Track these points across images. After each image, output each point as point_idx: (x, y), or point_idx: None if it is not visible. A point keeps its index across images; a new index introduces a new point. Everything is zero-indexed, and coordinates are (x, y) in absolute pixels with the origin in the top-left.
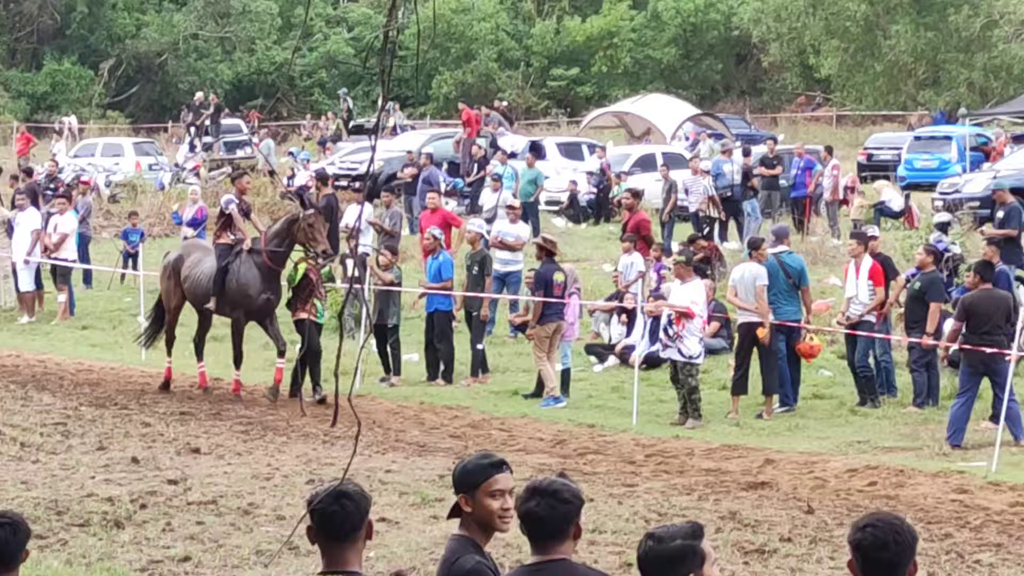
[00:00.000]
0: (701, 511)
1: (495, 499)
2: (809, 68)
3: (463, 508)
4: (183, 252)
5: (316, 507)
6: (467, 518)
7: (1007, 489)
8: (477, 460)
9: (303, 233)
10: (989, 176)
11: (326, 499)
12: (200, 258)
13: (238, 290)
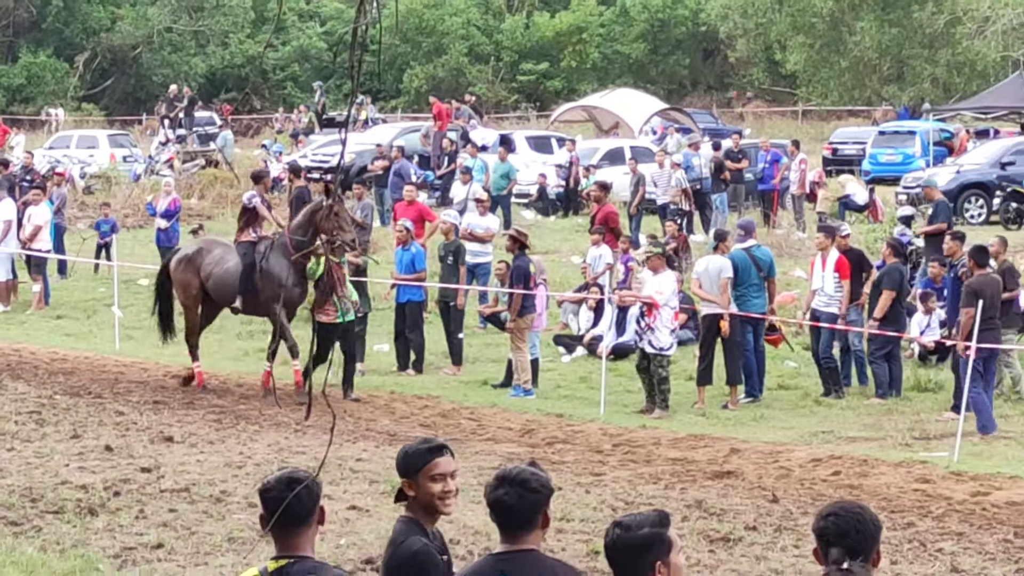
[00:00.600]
0: (668, 500)
1: (436, 482)
2: (775, 63)
3: (407, 492)
4: (203, 247)
5: (269, 494)
6: (412, 502)
7: (968, 479)
8: (417, 445)
9: (327, 222)
10: (952, 171)
11: (278, 487)
12: (222, 256)
13: (271, 284)
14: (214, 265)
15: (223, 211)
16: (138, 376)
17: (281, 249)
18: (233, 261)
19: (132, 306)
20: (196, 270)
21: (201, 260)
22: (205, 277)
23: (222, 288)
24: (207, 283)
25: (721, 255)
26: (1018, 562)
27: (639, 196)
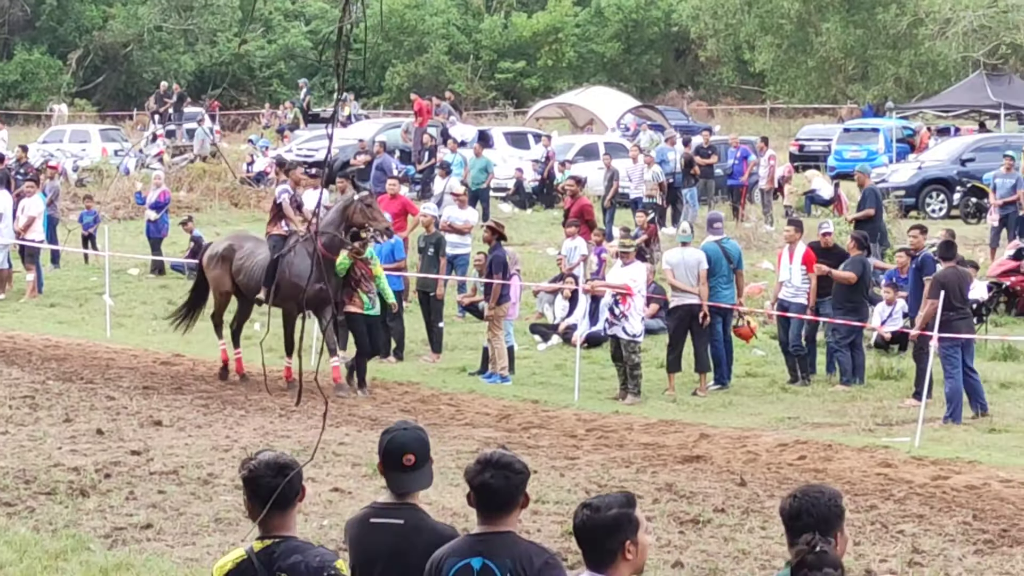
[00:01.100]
0: (639, 483)
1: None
2: (744, 63)
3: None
4: (234, 242)
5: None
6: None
7: (929, 463)
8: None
9: (360, 214)
10: (915, 167)
11: (267, 473)
12: (253, 249)
13: (290, 280)
14: (244, 259)
15: (211, 203)
16: (128, 362)
17: (308, 247)
18: (263, 255)
19: (122, 295)
20: (228, 265)
21: (232, 255)
22: (236, 271)
23: (251, 282)
24: (237, 277)
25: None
26: (976, 544)
27: (613, 190)
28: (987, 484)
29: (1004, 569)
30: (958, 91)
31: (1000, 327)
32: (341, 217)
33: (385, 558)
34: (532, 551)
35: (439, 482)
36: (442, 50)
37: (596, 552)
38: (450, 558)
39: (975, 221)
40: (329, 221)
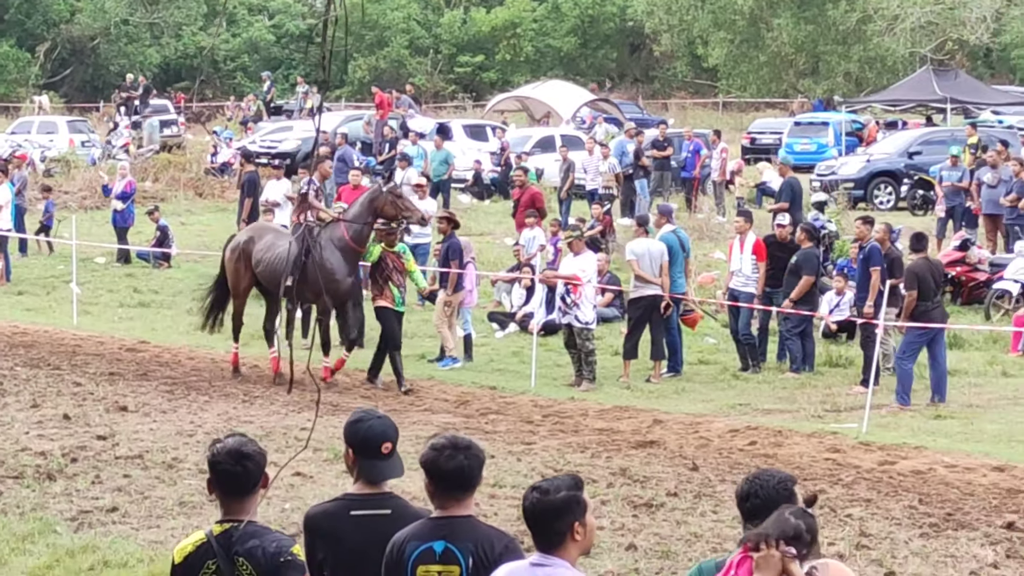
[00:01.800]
0: (594, 467)
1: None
2: (697, 58)
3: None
4: (254, 234)
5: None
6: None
7: (876, 449)
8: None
9: (391, 207)
10: (863, 159)
11: (228, 459)
12: (272, 241)
13: (323, 276)
14: (264, 251)
15: (176, 193)
16: (95, 349)
17: (337, 241)
18: (283, 246)
19: (89, 283)
20: (248, 258)
21: (252, 248)
22: (255, 264)
23: (272, 275)
24: (257, 269)
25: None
26: (922, 527)
27: (569, 182)
28: (933, 469)
29: (949, 552)
30: (906, 86)
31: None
32: (369, 209)
33: (373, 549)
34: (493, 535)
35: None
36: (402, 44)
37: (546, 534)
38: (411, 541)
39: (922, 213)
40: (356, 213)
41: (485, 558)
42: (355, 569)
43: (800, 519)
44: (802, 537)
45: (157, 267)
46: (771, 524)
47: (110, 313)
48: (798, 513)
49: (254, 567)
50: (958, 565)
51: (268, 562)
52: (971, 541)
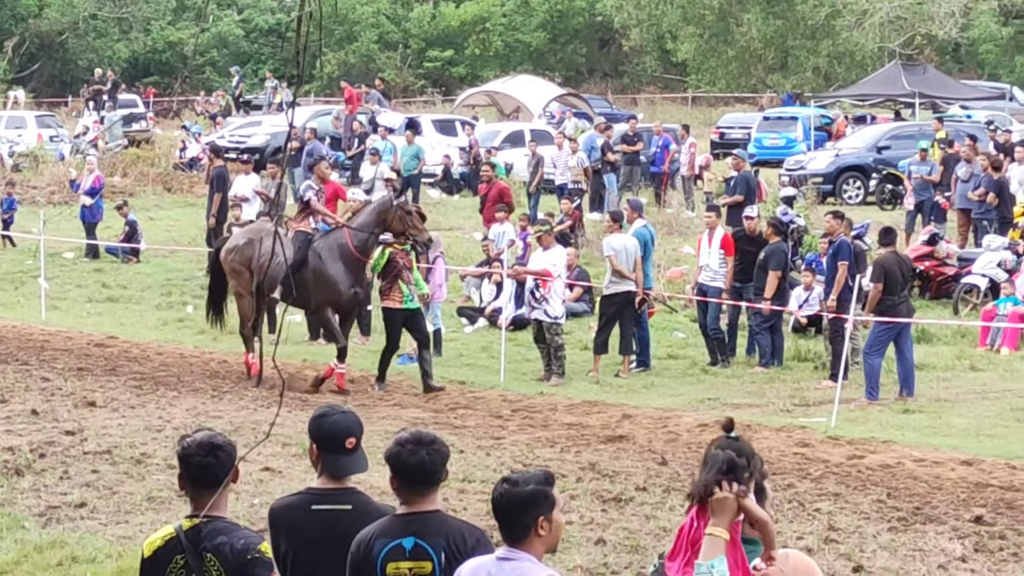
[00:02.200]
0: (563, 462)
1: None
2: (667, 52)
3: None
4: (254, 237)
5: (191, 459)
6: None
7: (845, 443)
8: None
9: (399, 222)
10: (832, 154)
11: (199, 451)
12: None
13: (325, 284)
14: (267, 255)
15: (145, 188)
16: (63, 344)
17: (339, 249)
18: (286, 251)
19: (57, 278)
20: (247, 260)
21: (252, 251)
22: (258, 268)
23: (271, 281)
24: (258, 274)
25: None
26: (890, 521)
27: (538, 176)
28: (901, 463)
29: (917, 546)
30: (874, 81)
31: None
32: (377, 220)
33: (335, 544)
34: (464, 529)
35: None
36: (372, 39)
37: (511, 526)
38: (380, 538)
39: (890, 207)
40: (363, 223)
41: (458, 552)
42: (316, 563)
43: (727, 448)
44: (737, 466)
45: (126, 262)
46: (706, 471)
47: (78, 308)
48: (723, 444)
49: (222, 563)
50: (926, 559)
51: (236, 559)
52: (939, 535)
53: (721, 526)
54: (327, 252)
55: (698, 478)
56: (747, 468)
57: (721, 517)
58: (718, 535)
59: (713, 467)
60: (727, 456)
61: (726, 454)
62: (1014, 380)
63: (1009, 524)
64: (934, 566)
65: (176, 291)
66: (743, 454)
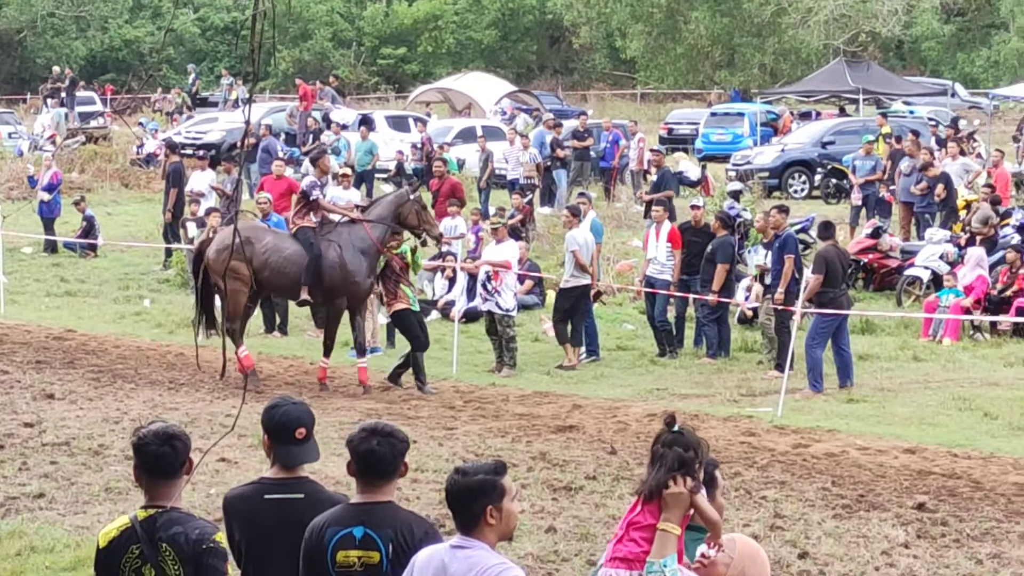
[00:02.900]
0: (515, 452)
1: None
2: (616, 50)
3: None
4: (251, 235)
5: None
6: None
7: (790, 432)
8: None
9: (415, 216)
10: (778, 149)
11: (155, 441)
12: (276, 243)
13: (344, 277)
14: (269, 254)
15: (102, 184)
16: (22, 338)
17: (360, 241)
18: (291, 248)
19: (15, 272)
20: (247, 258)
21: (252, 248)
22: (260, 267)
23: (281, 277)
24: (262, 272)
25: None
26: (835, 508)
27: (488, 171)
28: (845, 452)
29: (861, 532)
30: (819, 77)
31: (859, 302)
32: (393, 213)
33: (287, 532)
34: (413, 521)
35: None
36: (326, 37)
37: (462, 515)
38: (331, 527)
39: (835, 201)
40: (380, 215)
41: (405, 543)
42: (269, 551)
43: (671, 443)
44: (687, 461)
45: (83, 257)
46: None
47: (37, 302)
48: (668, 440)
49: (177, 553)
50: (870, 545)
51: (191, 548)
52: (883, 522)
53: (673, 521)
54: (348, 244)
55: (647, 476)
56: (696, 459)
57: (674, 512)
58: (670, 530)
59: (663, 466)
60: (675, 455)
61: (674, 452)
62: (956, 370)
63: (951, 511)
64: (877, 552)
65: (133, 285)
66: (690, 448)
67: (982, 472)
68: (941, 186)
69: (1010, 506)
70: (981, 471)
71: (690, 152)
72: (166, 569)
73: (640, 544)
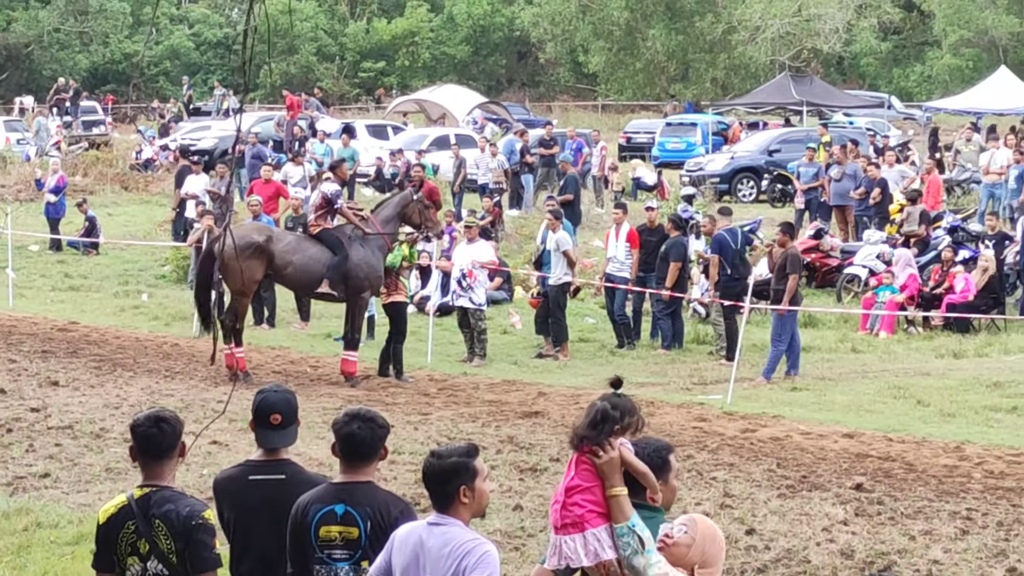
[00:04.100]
0: (484, 436)
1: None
2: (579, 64)
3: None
4: (271, 234)
5: (138, 429)
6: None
7: (739, 418)
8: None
9: (419, 215)
10: (728, 156)
11: (146, 423)
12: (296, 244)
13: (369, 273)
14: (293, 253)
15: (104, 187)
16: (29, 329)
17: (375, 240)
18: (315, 248)
19: (23, 269)
20: (268, 258)
21: (274, 248)
22: (283, 264)
23: (304, 275)
24: (286, 270)
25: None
26: (780, 488)
27: (461, 176)
28: (789, 436)
29: (804, 510)
30: (766, 90)
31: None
32: (399, 213)
33: (269, 510)
34: (390, 500)
35: (306, 435)
36: (311, 51)
37: (437, 495)
38: (315, 504)
39: (780, 205)
40: (387, 216)
41: (382, 521)
42: (253, 527)
43: (604, 402)
44: (608, 416)
45: (86, 254)
46: (581, 421)
47: (43, 296)
48: (604, 398)
49: (169, 528)
50: (812, 523)
51: (181, 524)
52: (824, 501)
53: (617, 484)
54: (369, 243)
55: (575, 432)
56: (618, 421)
57: (612, 476)
58: (619, 493)
59: (587, 417)
60: (600, 407)
61: (600, 405)
62: (891, 361)
63: (886, 491)
64: (819, 528)
65: (132, 281)
66: (617, 408)
67: (915, 455)
68: (877, 190)
69: (941, 486)
70: (914, 454)
71: (647, 159)
72: (159, 543)
73: (582, 506)
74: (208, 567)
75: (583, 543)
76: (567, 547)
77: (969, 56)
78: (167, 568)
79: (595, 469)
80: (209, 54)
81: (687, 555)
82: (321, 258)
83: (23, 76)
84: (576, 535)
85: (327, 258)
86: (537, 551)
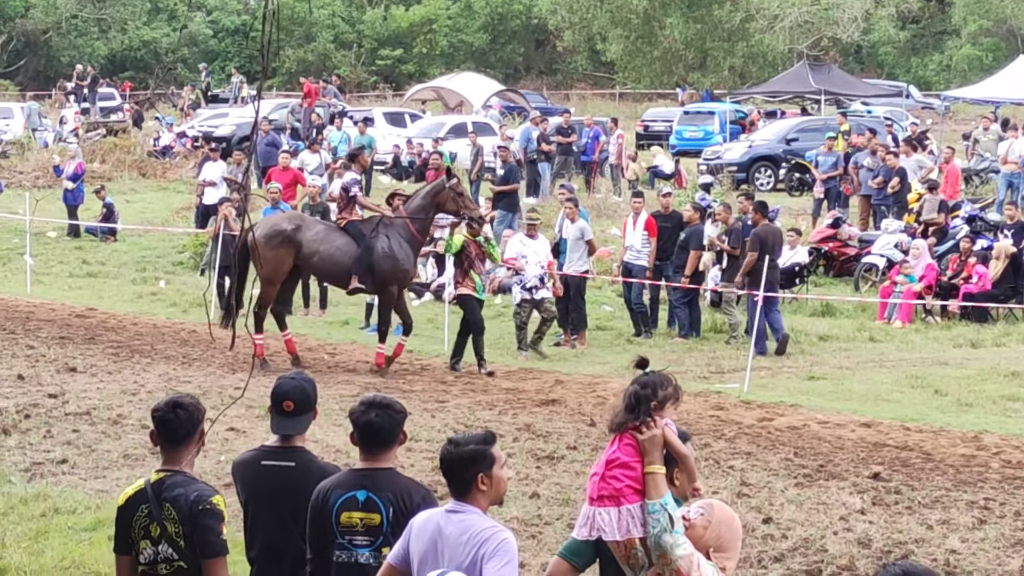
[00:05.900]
0: (501, 424)
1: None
2: (596, 52)
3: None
4: (301, 224)
5: (156, 415)
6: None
7: (756, 407)
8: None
9: (452, 202)
10: (745, 145)
11: (164, 408)
12: (324, 233)
13: (395, 266)
14: (320, 243)
15: (121, 174)
16: (46, 315)
17: (403, 232)
18: (342, 239)
19: (42, 255)
20: (296, 247)
21: (302, 237)
22: (310, 254)
23: (331, 265)
24: (312, 259)
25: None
26: (797, 477)
27: (479, 164)
28: (807, 425)
29: (821, 500)
30: (784, 79)
31: (819, 287)
32: (431, 202)
33: (277, 496)
34: (411, 487)
35: (324, 422)
36: (328, 39)
37: (455, 482)
38: (336, 490)
39: (798, 194)
40: (418, 206)
41: (404, 507)
42: (264, 511)
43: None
44: (641, 396)
45: (104, 241)
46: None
47: (61, 282)
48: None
49: (177, 512)
50: (829, 511)
51: (189, 508)
52: (841, 490)
53: (656, 462)
54: (394, 236)
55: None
56: (652, 396)
57: (653, 453)
58: (656, 471)
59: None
60: (631, 390)
61: (631, 388)
62: (908, 350)
63: (903, 480)
64: (836, 518)
65: (150, 267)
66: (648, 385)
67: (932, 444)
68: (896, 179)
69: (958, 476)
70: (932, 444)
71: (665, 147)
72: (168, 527)
73: (620, 480)
74: (213, 552)
75: (617, 517)
76: (601, 519)
77: (988, 45)
78: (176, 551)
79: (637, 445)
80: (227, 41)
81: (703, 537)
82: (348, 250)
83: (41, 63)
84: (611, 508)
85: (353, 250)
86: (554, 539)
